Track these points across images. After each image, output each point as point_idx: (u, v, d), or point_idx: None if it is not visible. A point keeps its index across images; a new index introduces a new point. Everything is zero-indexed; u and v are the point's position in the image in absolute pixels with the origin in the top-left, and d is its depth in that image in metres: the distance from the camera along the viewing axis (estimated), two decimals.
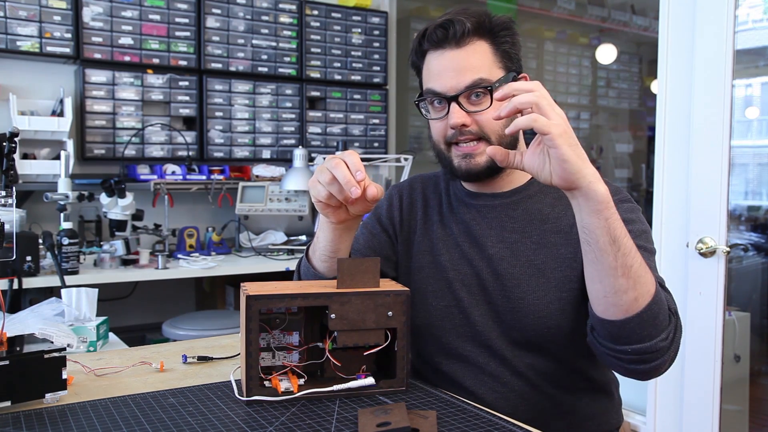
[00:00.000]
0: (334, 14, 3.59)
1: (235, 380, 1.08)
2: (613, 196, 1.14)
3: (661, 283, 1.06)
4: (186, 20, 3.18)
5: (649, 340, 0.97)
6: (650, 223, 2.31)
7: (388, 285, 1.07)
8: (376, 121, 3.77)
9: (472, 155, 1.16)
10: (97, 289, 1.52)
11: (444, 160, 1.21)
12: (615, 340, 0.99)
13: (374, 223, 1.34)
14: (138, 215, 2.78)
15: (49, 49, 2.89)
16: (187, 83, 3.21)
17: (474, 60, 1.14)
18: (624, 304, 0.96)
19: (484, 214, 1.24)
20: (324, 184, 1.04)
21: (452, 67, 1.14)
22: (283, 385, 1.01)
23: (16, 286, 2.30)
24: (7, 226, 1.06)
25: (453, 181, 1.31)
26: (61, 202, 2.55)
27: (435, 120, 1.19)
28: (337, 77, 3.62)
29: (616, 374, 1.28)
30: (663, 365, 1.01)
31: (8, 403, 0.96)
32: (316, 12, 3.54)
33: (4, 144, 1.21)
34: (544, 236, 1.19)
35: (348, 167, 1.01)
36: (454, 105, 1.14)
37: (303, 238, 3.15)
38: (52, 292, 2.35)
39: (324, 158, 3.24)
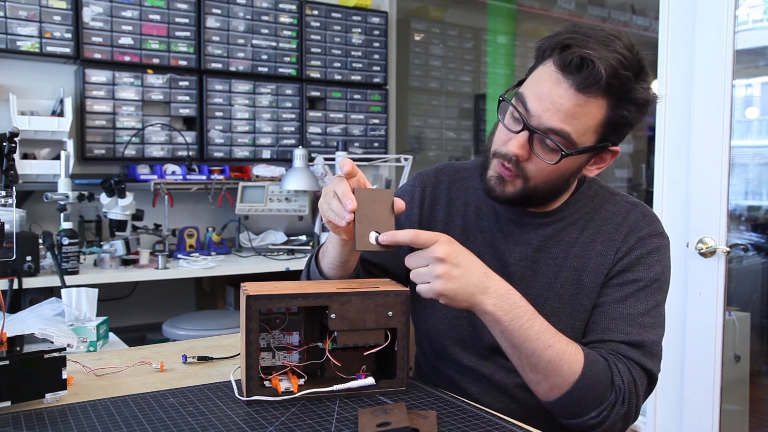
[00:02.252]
0: (334, 14, 3.59)
1: (235, 380, 1.08)
2: (643, 228, 1.16)
3: (639, 344, 1.08)
4: (186, 20, 3.18)
5: (577, 417, 1.05)
6: None
7: (388, 285, 1.07)
8: (376, 121, 3.77)
9: (504, 181, 1.12)
10: (97, 289, 1.52)
11: (484, 160, 1.16)
12: (555, 415, 1.09)
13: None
14: (138, 215, 2.78)
15: (49, 49, 2.89)
16: (187, 83, 3.21)
17: (579, 113, 1.03)
18: (541, 392, 1.06)
19: (511, 229, 1.21)
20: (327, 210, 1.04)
21: (555, 101, 1.03)
22: (283, 385, 1.01)
23: (16, 286, 2.30)
24: (7, 226, 1.06)
25: None
26: (61, 202, 2.55)
27: (502, 128, 1.11)
28: (337, 77, 3.62)
29: None
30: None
31: (8, 403, 0.96)
32: (316, 12, 3.54)
33: (4, 144, 1.21)
34: (567, 260, 1.16)
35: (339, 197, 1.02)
36: (522, 137, 1.06)
37: (303, 238, 3.15)
38: (52, 292, 2.35)
39: (324, 158, 3.25)
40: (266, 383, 1.02)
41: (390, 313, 1.03)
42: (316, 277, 1.19)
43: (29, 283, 2.36)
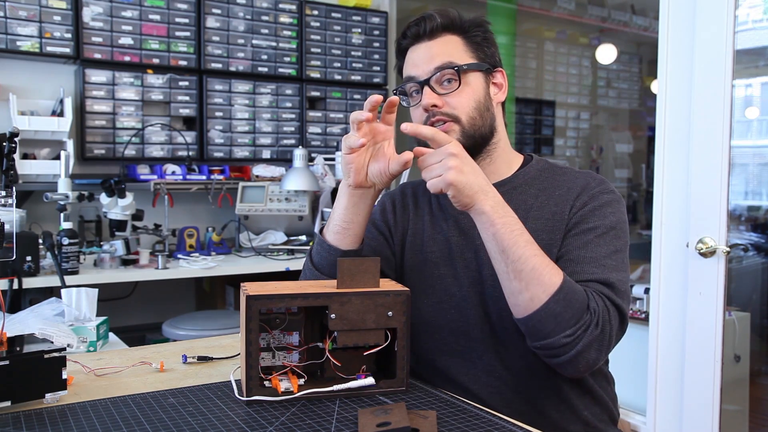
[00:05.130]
0: (334, 14, 3.59)
1: (235, 380, 1.08)
2: (595, 187, 1.22)
3: (606, 282, 1.11)
4: (186, 20, 3.18)
5: (551, 336, 1.05)
6: (650, 223, 2.31)
7: (388, 285, 1.07)
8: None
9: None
10: (97, 289, 1.52)
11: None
12: (528, 338, 1.10)
13: (370, 228, 1.35)
14: (138, 215, 2.78)
15: (49, 49, 2.89)
16: (187, 83, 3.20)
17: (445, 48, 1.23)
18: (521, 304, 1.07)
19: None
20: (349, 138, 1.14)
21: (425, 55, 1.23)
22: (283, 385, 1.01)
23: (16, 286, 2.30)
24: (7, 226, 1.07)
25: None
26: (61, 202, 2.55)
27: (414, 107, 1.26)
28: (337, 77, 3.62)
29: (609, 370, 1.33)
30: (575, 360, 1.06)
31: (8, 403, 0.96)
32: (316, 12, 3.53)
33: (4, 144, 1.22)
34: (526, 224, 1.18)
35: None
36: (426, 88, 1.21)
37: (303, 238, 3.15)
38: (52, 292, 2.35)
39: (324, 158, 3.26)
40: (266, 383, 1.02)
41: (390, 313, 1.03)
42: (321, 251, 1.21)
43: (29, 283, 2.36)
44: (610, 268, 1.13)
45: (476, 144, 1.23)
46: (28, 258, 2.34)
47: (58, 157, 2.77)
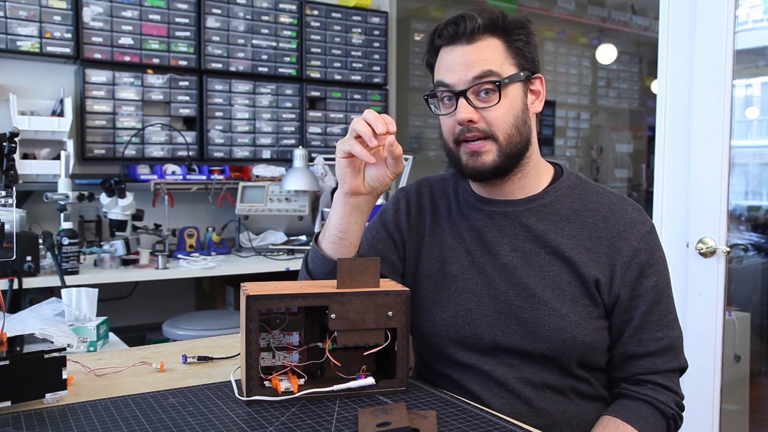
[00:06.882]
0: (334, 14, 3.59)
1: (235, 380, 1.08)
2: (638, 223, 1.19)
3: (671, 346, 1.19)
4: (186, 20, 3.18)
5: None
6: None
7: (388, 285, 1.07)
8: None
9: (479, 153, 1.14)
10: (97, 289, 1.52)
11: (452, 158, 1.19)
12: None
13: (378, 228, 1.31)
14: (138, 215, 2.78)
15: (49, 49, 2.89)
16: (187, 83, 3.20)
17: (485, 54, 1.13)
18: None
19: (496, 222, 1.21)
20: (348, 143, 1.09)
21: (462, 61, 1.13)
22: (283, 385, 1.01)
23: (16, 286, 2.30)
24: (7, 226, 1.06)
25: (463, 183, 1.28)
26: (61, 202, 2.55)
27: (444, 116, 1.18)
28: (337, 77, 3.62)
29: None
30: None
31: (8, 403, 0.96)
32: (316, 12, 3.53)
33: (4, 144, 1.21)
34: (559, 248, 1.17)
35: (368, 123, 1.07)
36: (461, 100, 1.13)
37: (303, 238, 3.15)
38: (52, 292, 2.35)
39: (324, 158, 3.26)
40: (266, 383, 1.02)
41: (390, 313, 1.03)
42: (315, 260, 1.18)
43: (29, 283, 2.35)
44: (670, 325, 1.20)
45: (512, 162, 1.16)
46: (28, 258, 2.34)
47: (58, 157, 2.77)
